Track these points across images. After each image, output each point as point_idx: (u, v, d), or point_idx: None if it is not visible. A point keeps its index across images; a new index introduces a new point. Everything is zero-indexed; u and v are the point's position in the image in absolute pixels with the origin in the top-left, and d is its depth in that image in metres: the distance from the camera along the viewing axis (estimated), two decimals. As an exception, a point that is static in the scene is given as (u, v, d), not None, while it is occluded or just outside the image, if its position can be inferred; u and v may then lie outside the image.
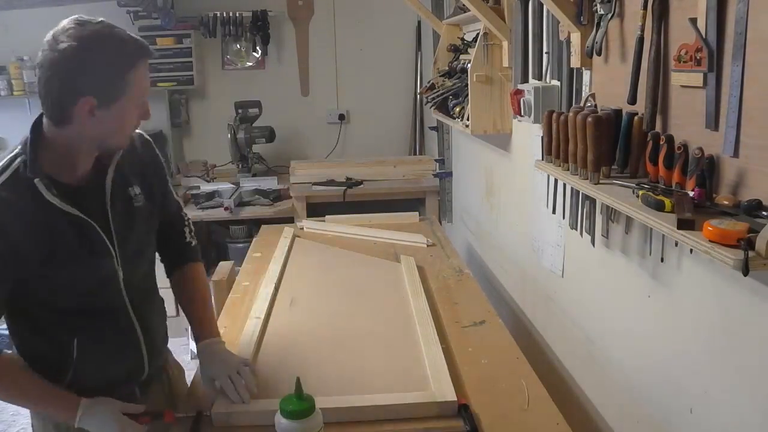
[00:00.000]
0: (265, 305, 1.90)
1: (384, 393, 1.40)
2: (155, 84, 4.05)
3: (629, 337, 1.54)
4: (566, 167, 1.54)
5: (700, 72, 1.15)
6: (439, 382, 1.44)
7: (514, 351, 1.67)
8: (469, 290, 2.10)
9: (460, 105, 2.56)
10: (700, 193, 1.12)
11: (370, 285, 2.13)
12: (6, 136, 4.30)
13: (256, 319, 1.81)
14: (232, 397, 1.36)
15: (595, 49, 1.50)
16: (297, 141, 4.47)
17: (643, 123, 1.33)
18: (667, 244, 1.31)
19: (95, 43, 1.19)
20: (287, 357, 1.61)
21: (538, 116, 1.85)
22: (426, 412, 1.35)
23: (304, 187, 3.73)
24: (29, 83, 4.02)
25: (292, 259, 2.38)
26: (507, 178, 2.50)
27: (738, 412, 1.13)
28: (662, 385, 1.39)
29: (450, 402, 1.36)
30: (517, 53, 2.12)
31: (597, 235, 1.65)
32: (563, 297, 1.96)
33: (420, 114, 4.36)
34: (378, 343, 1.69)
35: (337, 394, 1.39)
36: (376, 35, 4.35)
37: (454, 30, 2.95)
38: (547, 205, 1.87)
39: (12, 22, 4.13)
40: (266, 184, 3.96)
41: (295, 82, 4.38)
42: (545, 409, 1.40)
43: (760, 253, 0.93)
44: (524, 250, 2.29)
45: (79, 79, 1.18)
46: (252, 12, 4.15)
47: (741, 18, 1.04)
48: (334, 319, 1.86)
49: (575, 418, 1.56)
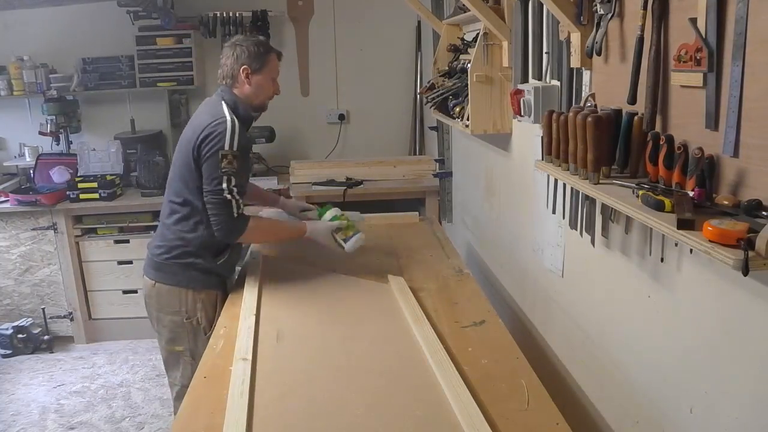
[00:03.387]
0: (249, 342, 1.72)
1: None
2: (155, 84, 4.06)
3: (629, 337, 1.54)
4: (566, 167, 1.54)
5: (700, 72, 1.15)
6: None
7: (514, 351, 1.67)
8: (469, 290, 2.10)
9: (460, 105, 2.56)
10: (700, 193, 1.12)
11: (361, 311, 1.96)
12: (6, 136, 4.30)
13: (243, 361, 1.61)
14: None
15: (595, 49, 1.50)
16: (297, 141, 4.47)
17: (643, 123, 1.33)
18: (667, 244, 1.31)
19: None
20: (289, 411, 1.43)
21: (538, 116, 1.85)
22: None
23: (304, 187, 3.73)
24: (29, 83, 4.02)
25: (266, 283, 2.19)
26: (507, 178, 2.50)
27: (738, 412, 1.13)
28: (662, 385, 1.39)
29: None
30: (517, 53, 2.12)
31: (597, 235, 1.65)
32: (563, 297, 1.96)
33: (420, 114, 4.36)
34: (390, 384, 1.51)
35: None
36: (376, 35, 4.35)
37: (454, 30, 2.95)
38: (547, 205, 1.87)
39: (12, 22, 4.13)
40: (266, 184, 3.95)
41: (295, 82, 4.38)
42: (545, 409, 1.40)
43: (760, 253, 0.93)
44: (524, 250, 2.29)
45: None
46: (252, 12, 4.15)
47: (741, 18, 1.04)
48: (331, 357, 1.67)
49: (575, 418, 1.56)
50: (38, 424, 3.10)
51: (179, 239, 2.14)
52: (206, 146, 2.03)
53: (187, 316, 2.15)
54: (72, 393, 3.39)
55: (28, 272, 3.88)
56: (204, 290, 2.16)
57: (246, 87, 2.15)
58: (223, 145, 2.01)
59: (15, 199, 3.73)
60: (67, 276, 3.86)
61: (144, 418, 3.13)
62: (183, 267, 2.15)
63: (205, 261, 2.15)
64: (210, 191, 2.04)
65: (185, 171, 2.09)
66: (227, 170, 2.01)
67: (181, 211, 2.13)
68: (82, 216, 3.83)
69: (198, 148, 2.04)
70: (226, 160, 2.01)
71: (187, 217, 2.12)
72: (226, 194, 2.03)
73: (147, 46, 4.02)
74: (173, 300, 2.15)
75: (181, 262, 2.14)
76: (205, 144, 2.03)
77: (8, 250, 3.84)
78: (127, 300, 3.86)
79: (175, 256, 2.15)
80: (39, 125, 4.04)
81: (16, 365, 3.72)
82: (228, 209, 2.05)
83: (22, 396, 3.38)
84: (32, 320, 3.89)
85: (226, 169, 2.01)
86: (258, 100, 2.19)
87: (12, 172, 4.26)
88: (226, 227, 2.06)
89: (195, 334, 2.16)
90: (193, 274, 2.15)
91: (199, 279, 2.16)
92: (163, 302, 2.17)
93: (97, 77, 4.07)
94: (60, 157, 4.06)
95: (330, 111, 4.45)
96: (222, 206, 2.04)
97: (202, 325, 2.16)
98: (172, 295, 2.15)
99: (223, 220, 2.05)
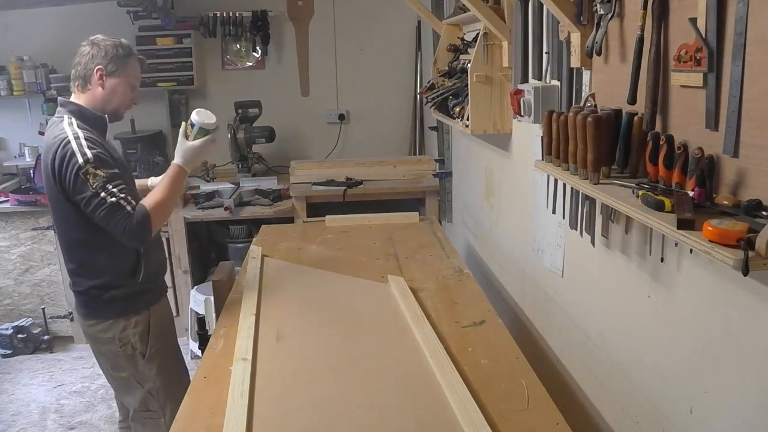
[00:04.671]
0: (249, 342, 1.72)
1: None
2: (155, 84, 4.06)
3: (629, 337, 1.54)
4: (566, 167, 1.54)
5: (700, 72, 1.14)
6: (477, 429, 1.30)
7: (514, 351, 1.67)
8: (469, 290, 2.10)
9: (460, 105, 2.56)
10: (700, 193, 1.12)
11: (361, 311, 1.95)
12: (6, 136, 4.31)
13: (243, 361, 1.62)
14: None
15: (595, 49, 1.50)
16: (297, 141, 4.47)
17: (643, 123, 1.33)
18: (667, 244, 1.31)
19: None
20: (289, 412, 1.42)
21: (538, 116, 1.85)
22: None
23: (304, 187, 3.73)
24: (29, 83, 4.02)
25: (266, 283, 2.18)
26: (507, 178, 2.50)
27: (738, 412, 1.13)
28: (662, 385, 1.39)
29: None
30: (517, 53, 2.12)
31: (597, 235, 1.65)
32: (563, 297, 1.96)
33: (420, 114, 4.36)
34: (390, 384, 1.51)
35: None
36: (376, 35, 4.35)
37: (454, 30, 2.95)
38: (547, 205, 1.87)
39: (12, 22, 4.13)
40: (266, 184, 3.96)
41: (295, 82, 4.39)
42: (545, 409, 1.40)
43: (760, 253, 0.93)
44: (524, 250, 2.29)
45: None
46: (252, 12, 4.15)
47: (741, 18, 1.04)
48: (331, 357, 1.68)
49: (575, 418, 1.55)
50: (38, 424, 3.10)
51: (90, 279, 1.99)
52: (64, 173, 1.82)
53: (121, 344, 2.02)
54: (72, 393, 3.39)
55: (28, 272, 3.88)
56: (133, 316, 2.02)
57: (98, 90, 1.95)
58: (77, 162, 1.80)
59: (15, 199, 3.73)
60: (67, 276, 3.85)
61: (144, 418, 3.13)
62: (105, 303, 2.00)
63: (124, 287, 2.00)
64: (93, 207, 1.82)
65: (63, 207, 1.90)
66: (97, 184, 1.80)
67: (77, 247, 1.98)
68: (82, 216, 3.83)
69: (60, 182, 1.85)
70: (90, 175, 1.80)
71: (85, 249, 1.96)
72: (110, 199, 1.81)
73: (147, 46, 4.02)
74: (104, 332, 2.02)
75: (103, 299, 1.99)
76: (62, 171, 1.82)
77: (8, 250, 3.84)
78: (127, 300, 3.86)
79: (93, 296, 2.00)
80: (39, 125, 4.04)
81: (16, 365, 3.72)
82: (121, 210, 1.82)
83: (22, 396, 3.38)
84: (32, 320, 3.89)
85: (95, 184, 1.80)
86: (111, 105, 1.99)
87: (12, 172, 4.26)
88: (131, 227, 1.83)
89: (133, 359, 2.04)
90: (116, 305, 2.01)
91: (124, 307, 2.02)
92: (94, 335, 2.05)
93: (97, 77, 4.07)
94: (60, 157, 4.05)
95: (330, 111, 4.45)
96: (113, 211, 1.82)
97: (138, 350, 2.03)
98: (101, 328, 2.02)
99: (123, 223, 1.83)
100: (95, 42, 1.96)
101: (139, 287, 2.03)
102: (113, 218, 1.82)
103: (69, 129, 1.86)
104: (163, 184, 1.97)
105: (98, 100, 1.97)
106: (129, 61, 1.99)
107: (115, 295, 2.00)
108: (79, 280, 2.03)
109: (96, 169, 1.81)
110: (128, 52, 2.00)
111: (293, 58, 4.36)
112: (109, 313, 2.01)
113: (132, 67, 2.01)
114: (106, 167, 1.84)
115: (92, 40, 1.98)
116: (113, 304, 2.00)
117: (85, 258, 1.99)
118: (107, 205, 1.81)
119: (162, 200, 1.92)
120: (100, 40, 1.97)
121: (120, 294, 2.00)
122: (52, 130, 1.91)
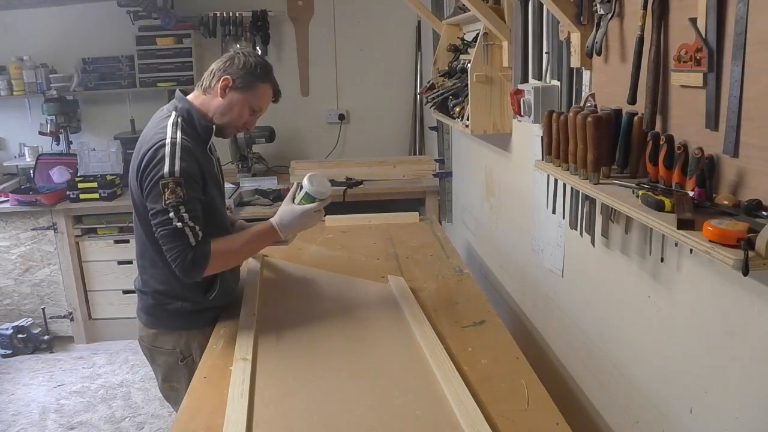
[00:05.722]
0: (249, 342, 1.71)
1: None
2: (155, 84, 4.06)
3: (629, 337, 1.54)
4: (566, 167, 1.54)
5: (700, 72, 1.15)
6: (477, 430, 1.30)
7: (514, 351, 1.67)
8: (469, 290, 2.10)
9: (460, 105, 2.56)
10: (700, 193, 1.12)
11: (361, 311, 1.94)
12: (6, 136, 4.31)
13: (243, 361, 1.61)
14: None
15: (595, 49, 1.50)
16: (297, 141, 4.47)
17: (643, 123, 1.33)
18: (667, 244, 1.32)
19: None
20: (289, 412, 1.42)
21: (538, 116, 1.85)
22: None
23: (304, 187, 3.72)
24: (29, 83, 4.02)
25: (266, 283, 2.17)
26: (507, 178, 2.50)
27: (738, 412, 1.13)
28: (662, 385, 1.39)
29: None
30: (517, 53, 2.12)
31: (597, 235, 1.65)
32: (563, 297, 1.96)
33: (420, 114, 4.36)
34: (390, 384, 1.51)
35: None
36: (376, 35, 4.35)
37: (454, 30, 2.95)
38: (547, 205, 1.87)
39: (12, 22, 4.14)
40: (266, 184, 3.96)
41: (295, 82, 4.39)
42: (545, 409, 1.40)
43: (760, 253, 0.93)
44: (524, 250, 2.29)
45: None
46: (252, 12, 4.15)
47: (741, 18, 1.04)
48: (331, 357, 1.67)
49: (575, 418, 1.56)
50: (38, 424, 3.10)
51: (160, 283, 1.88)
52: (147, 176, 1.74)
53: (182, 357, 1.92)
54: (72, 393, 3.39)
55: (28, 272, 3.88)
56: (198, 329, 1.91)
57: (217, 99, 1.84)
58: (162, 173, 1.70)
59: (15, 199, 3.73)
60: (67, 276, 3.86)
61: (144, 418, 3.13)
62: (170, 313, 1.90)
63: (193, 302, 1.89)
64: (157, 223, 1.73)
65: (141, 206, 1.81)
66: (171, 202, 1.69)
67: (150, 244, 1.84)
68: (82, 216, 3.83)
69: (141, 180, 1.77)
70: (168, 189, 1.70)
71: (160, 253, 1.80)
72: (176, 222, 1.70)
73: (147, 46, 4.03)
74: (165, 341, 1.93)
75: (168, 309, 1.90)
76: (145, 174, 1.74)
77: (8, 250, 3.84)
78: (127, 300, 3.85)
79: (159, 302, 1.91)
80: (39, 125, 4.05)
81: (16, 365, 3.72)
82: (183, 239, 1.71)
83: (22, 396, 3.38)
84: (32, 320, 3.89)
85: (169, 200, 1.69)
86: (223, 119, 1.86)
87: (12, 172, 4.26)
88: (184, 261, 1.72)
89: (191, 373, 1.84)
90: (183, 317, 1.91)
91: (190, 320, 1.91)
92: (154, 343, 1.95)
93: (97, 77, 4.07)
94: (60, 157, 4.06)
95: (330, 111, 4.45)
96: (174, 237, 1.71)
97: (198, 363, 1.85)
98: (163, 337, 1.94)
99: (179, 253, 1.71)
100: (240, 53, 1.86)
101: (209, 303, 1.92)
102: (170, 243, 1.72)
103: (170, 130, 1.77)
104: (244, 234, 1.90)
105: (212, 108, 1.85)
106: (260, 86, 1.86)
107: (181, 307, 1.90)
108: (147, 279, 1.92)
109: (177, 185, 1.70)
110: (264, 78, 1.87)
111: (293, 58, 4.36)
112: (173, 325, 1.92)
113: (261, 93, 1.88)
114: (189, 188, 1.73)
115: (240, 50, 1.88)
116: (180, 316, 1.90)
117: (157, 259, 1.85)
118: (171, 228, 1.71)
119: (233, 250, 1.85)
120: (247, 53, 1.86)
121: (187, 307, 1.90)
122: (157, 123, 1.82)
